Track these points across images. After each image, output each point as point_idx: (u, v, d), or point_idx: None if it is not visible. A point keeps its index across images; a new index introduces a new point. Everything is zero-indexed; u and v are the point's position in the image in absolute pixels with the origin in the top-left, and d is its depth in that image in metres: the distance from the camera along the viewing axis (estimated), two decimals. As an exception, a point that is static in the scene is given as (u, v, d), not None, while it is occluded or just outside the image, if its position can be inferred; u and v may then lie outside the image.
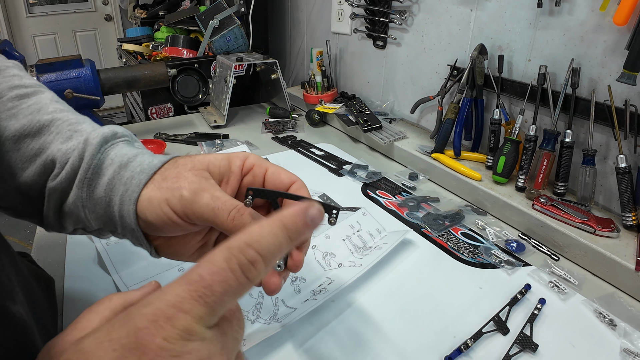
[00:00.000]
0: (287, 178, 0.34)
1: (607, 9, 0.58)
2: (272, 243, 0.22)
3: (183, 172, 0.32)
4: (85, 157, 0.33)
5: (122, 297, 0.24)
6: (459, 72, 0.84)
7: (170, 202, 0.30)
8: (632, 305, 0.51)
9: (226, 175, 0.33)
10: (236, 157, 0.34)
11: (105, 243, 0.58)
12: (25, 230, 2.33)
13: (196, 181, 0.31)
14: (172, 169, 0.32)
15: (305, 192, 0.34)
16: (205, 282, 0.20)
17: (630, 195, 0.59)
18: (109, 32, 3.57)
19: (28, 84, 0.38)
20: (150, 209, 0.31)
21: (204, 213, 0.30)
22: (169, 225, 0.31)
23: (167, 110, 1.32)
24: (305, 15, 1.37)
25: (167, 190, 0.31)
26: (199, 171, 0.32)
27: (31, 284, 0.39)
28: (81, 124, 0.36)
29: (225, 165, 0.33)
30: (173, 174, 0.32)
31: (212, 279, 0.20)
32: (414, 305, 0.50)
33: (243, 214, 0.30)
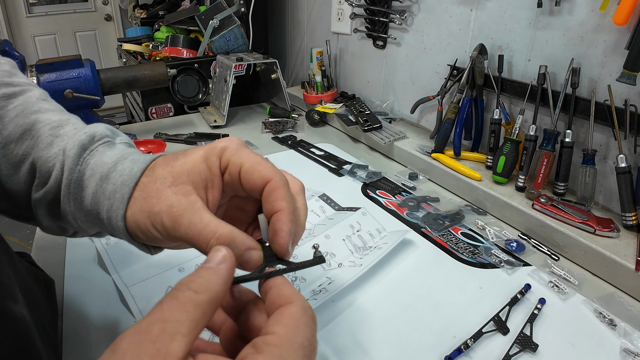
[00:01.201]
0: (259, 178, 0.30)
1: (607, 9, 0.58)
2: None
3: (163, 191, 0.30)
4: (65, 171, 0.32)
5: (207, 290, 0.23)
6: (459, 72, 0.84)
7: (155, 227, 0.30)
8: (632, 305, 0.51)
9: (209, 180, 0.31)
10: (213, 154, 0.31)
11: (105, 243, 0.58)
12: (25, 230, 2.33)
13: (175, 204, 0.29)
14: (152, 184, 0.30)
15: (280, 195, 0.29)
16: (312, 346, 0.23)
17: (630, 195, 0.59)
18: (109, 32, 3.57)
19: (17, 83, 0.37)
20: (139, 230, 0.30)
21: (183, 238, 0.29)
22: (162, 243, 0.31)
23: (167, 110, 1.32)
24: (305, 15, 1.37)
25: (150, 215, 0.30)
26: (180, 187, 0.30)
27: (30, 285, 0.39)
28: (63, 127, 0.35)
29: (204, 170, 0.30)
30: (153, 192, 0.30)
31: (314, 341, 0.23)
32: (414, 305, 0.50)
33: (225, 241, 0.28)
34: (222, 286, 0.23)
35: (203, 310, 0.22)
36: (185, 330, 0.20)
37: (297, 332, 0.22)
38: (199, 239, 0.28)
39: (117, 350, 0.20)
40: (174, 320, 0.20)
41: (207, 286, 0.23)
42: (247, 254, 0.28)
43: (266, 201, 0.29)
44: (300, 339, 0.22)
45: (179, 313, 0.21)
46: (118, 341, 0.20)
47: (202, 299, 0.22)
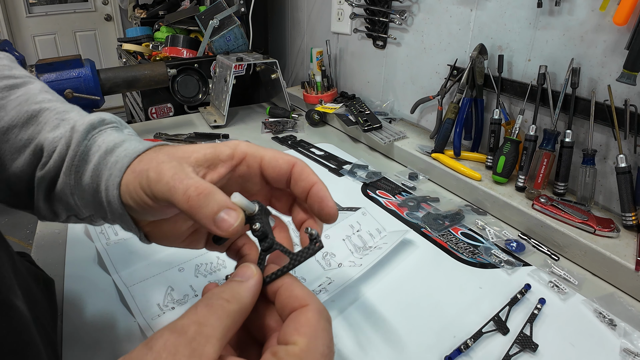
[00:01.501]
0: (285, 164, 0.31)
1: (607, 8, 0.58)
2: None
3: (159, 155, 0.30)
4: (72, 144, 0.32)
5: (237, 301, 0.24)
6: (459, 72, 0.84)
7: (141, 185, 0.29)
8: (632, 305, 0.51)
9: (212, 163, 0.30)
10: (224, 145, 0.31)
11: (105, 243, 0.58)
12: (25, 230, 2.33)
13: (166, 161, 0.29)
14: (152, 153, 0.31)
15: (310, 172, 0.31)
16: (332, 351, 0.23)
17: (630, 195, 0.59)
18: (109, 32, 3.57)
19: (18, 75, 0.37)
20: (127, 193, 0.30)
21: (164, 192, 0.27)
22: (145, 208, 0.30)
23: (167, 110, 1.32)
24: (305, 15, 1.37)
25: (139, 173, 0.29)
26: (175, 156, 0.29)
27: (29, 284, 0.39)
28: (69, 113, 0.35)
29: (211, 153, 0.30)
30: (150, 157, 0.30)
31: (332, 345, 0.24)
32: (414, 305, 0.50)
33: (200, 195, 0.26)
34: (250, 298, 0.25)
35: (233, 319, 0.23)
36: (219, 335, 0.22)
37: (317, 342, 0.23)
38: (179, 187, 0.27)
39: (154, 348, 0.21)
40: (209, 324, 0.22)
41: (237, 297, 0.24)
42: (223, 213, 0.26)
43: (298, 181, 0.31)
44: (321, 348, 0.23)
45: (213, 318, 0.22)
46: (154, 338, 0.21)
47: (232, 308, 0.23)
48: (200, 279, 0.52)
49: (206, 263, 0.55)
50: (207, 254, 0.56)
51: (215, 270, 0.54)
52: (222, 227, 0.26)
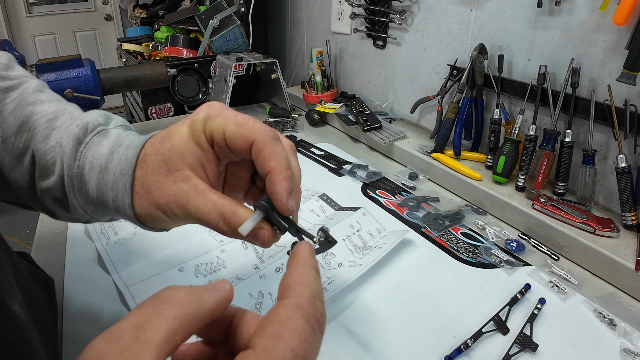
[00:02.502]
0: (244, 142, 0.28)
1: (607, 8, 0.58)
2: (320, 287, 0.22)
3: (162, 182, 0.30)
4: (65, 168, 0.33)
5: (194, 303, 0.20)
6: (459, 71, 0.84)
7: (167, 215, 0.30)
8: (632, 305, 0.51)
9: (202, 157, 0.30)
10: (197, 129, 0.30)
11: (106, 243, 0.58)
12: (25, 230, 2.33)
13: (179, 192, 0.29)
14: (149, 176, 0.31)
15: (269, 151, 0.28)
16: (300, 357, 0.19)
17: (630, 195, 0.59)
18: (109, 32, 3.57)
19: (13, 76, 0.37)
20: (152, 220, 0.32)
21: (194, 220, 0.30)
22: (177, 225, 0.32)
23: (167, 110, 1.32)
24: (305, 15, 1.37)
25: (159, 207, 0.30)
26: (177, 174, 0.30)
27: (30, 284, 0.39)
28: (59, 118, 0.35)
29: (194, 149, 0.30)
30: (153, 185, 0.30)
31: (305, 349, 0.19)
32: (414, 305, 0.50)
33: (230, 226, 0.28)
34: (212, 305, 0.21)
35: (184, 323, 0.19)
36: (160, 340, 0.18)
37: (277, 343, 0.19)
38: (208, 221, 0.29)
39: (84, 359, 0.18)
40: (149, 328, 0.18)
41: (195, 299, 0.21)
42: (257, 231, 0.29)
43: (257, 163, 0.29)
44: (282, 351, 0.19)
45: (157, 319, 0.19)
46: (86, 349, 0.18)
47: (185, 310, 0.20)
48: (200, 278, 0.52)
49: (206, 263, 0.55)
50: (207, 254, 0.56)
51: (215, 270, 0.54)
52: (261, 243, 0.29)
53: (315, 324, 0.20)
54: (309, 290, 0.22)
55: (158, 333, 0.18)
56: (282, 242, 0.37)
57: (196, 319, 0.20)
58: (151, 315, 0.19)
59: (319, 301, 0.21)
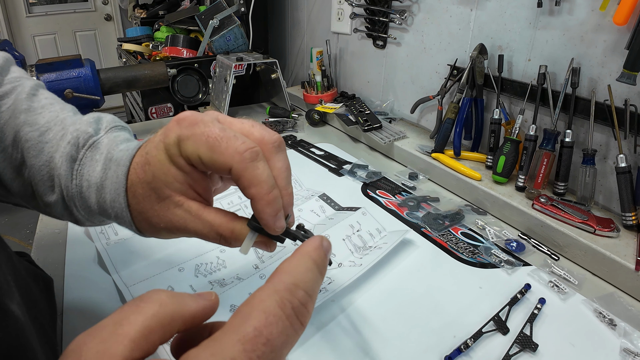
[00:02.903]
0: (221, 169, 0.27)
1: (607, 8, 0.58)
2: (313, 279, 0.21)
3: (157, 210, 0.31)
4: (63, 188, 0.34)
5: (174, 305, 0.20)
6: (459, 71, 0.84)
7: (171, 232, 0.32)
8: (632, 305, 0.51)
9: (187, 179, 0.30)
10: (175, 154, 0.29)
11: (106, 243, 0.58)
12: (25, 230, 2.33)
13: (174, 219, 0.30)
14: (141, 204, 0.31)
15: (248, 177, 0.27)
16: (263, 338, 0.17)
17: (630, 195, 0.59)
18: (109, 32, 3.57)
19: (7, 80, 0.38)
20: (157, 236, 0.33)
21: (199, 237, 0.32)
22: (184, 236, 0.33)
23: (167, 110, 1.32)
24: (305, 15, 1.37)
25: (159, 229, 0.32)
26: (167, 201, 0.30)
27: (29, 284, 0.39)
28: (51, 130, 0.35)
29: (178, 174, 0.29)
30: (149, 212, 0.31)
31: (270, 332, 0.18)
32: (414, 305, 0.50)
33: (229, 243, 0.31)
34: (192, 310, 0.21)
35: (160, 322, 0.19)
36: (135, 335, 0.18)
37: (243, 322, 0.18)
38: (208, 239, 0.31)
39: (65, 353, 0.18)
40: (127, 323, 0.19)
41: (177, 301, 0.20)
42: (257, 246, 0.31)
43: (240, 187, 0.28)
44: (243, 330, 0.18)
45: (134, 316, 0.19)
46: (70, 343, 0.19)
47: (164, 310, 0.20)
48: (200, 278, 0.52)
49: (206, 263, 0.55)
50: (207, 254, 0.56)
51: (215, 270, 0.54)
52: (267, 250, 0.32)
53: (290, 311, 0.19)
54: (292, 277, 0.20)
55: (133, 328, 0.18)
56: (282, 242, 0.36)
57: (175, 320, 0.20)
58: (130, 312, 0.19)
59: (304, 291, 0.20)
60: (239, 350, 0.17)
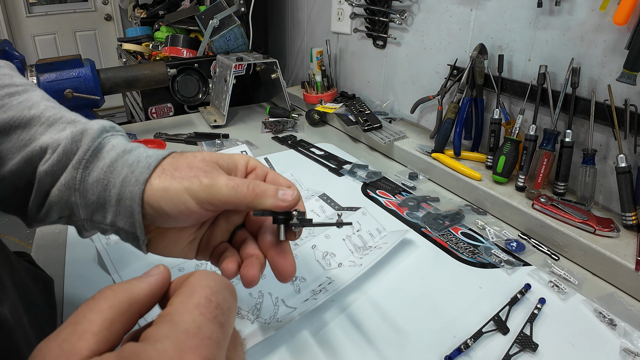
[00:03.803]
0: (285, 184, 0.36)
1: (607, 8, 0.58)
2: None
3: (195, 163, 0.32)
4: (85, 140, 0.32)
5: (126, 291, 0.22)
6: (459, 71, 0.84)
7: (190, 191, 0.31)
8: (632, 305, 0.51)
9: (233, 171, 0.35)
10: (240, 157, 0.36)
11: (106, 243, 0.58)
12: (25, 230, 2.33)
13: (210, 170, 0.32)
14: (182, 160, 0.33)
15: (301, 202, 0.35)
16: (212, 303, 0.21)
17: (630, 195, 0.59)
18: (109, 32, 3.57)
19: (19, 83, 0.37)
20: (166, 198, 0.31)
21: (225, 194, 0.31)
22: (185, 214, 0.31)
23: (167, 110, 1.32)
24: (305, 15, 1.37)
25: (184, 180, 0.31)
26: (209, 162, 0.33)
27: (28, 284, 0.39)
28: (78, 119, 0.36)
29: (232, 162, 0.35)
30: (184, 164, 0.32)
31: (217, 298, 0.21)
32: (414, 304, 0.50)
33: (259, 184, 0.32)
34: (145, 290, 0.22)
35: (118, 311, 0.20)
36: (97, 329, 0.19)
37: (192, 295, 0.21)
38: (240, 183, 0.31)
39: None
40: (84, 322, 0.19)
41: (127, 288, 0.22)
42: (281, 190, 0.32)
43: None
44: (196, 300, 0.20)
45: (91, 313, 0.20)
46: (32, 352, 0.19)
47: (119, 299, 0.21)
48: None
49: (206, 263, 0.55)
50: (207, 254, 0.56)
51: (215, 270, 0.54)
52: (287, 199, 0.32)
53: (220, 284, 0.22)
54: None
55: (94, 324, 0.19)
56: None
57: (132, 305, 0.21)
58: (86, 311, 0.20)
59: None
60: (197, 314, 0.19)
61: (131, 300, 0.21)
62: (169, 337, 0.18)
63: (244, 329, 0.45)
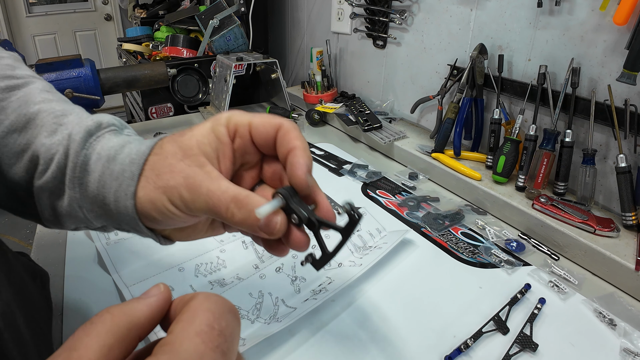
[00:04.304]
0: (271, 127, 0.31)
1: (607, 8, 0.58)
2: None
3: (176, 165, 0.30)
4: (70, 155, 0.31)
5: (126, 315, 0.20)
6: (459, 71, 0.84)
7: (173, 202, 0.29)
8: (632, 305, 0.51)
9: (220, 150, 0.31)
10: (218, 124, 0.31)
11: (106, 243, 0.58)
12: (25, 230, 2.33)
13: (192, 175, 0.29)
14: (163, 161, 0.30)
15: (293, 136, 0.31)
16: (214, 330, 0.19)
17: (630, 195, 0.59)
18: (109, 32, 3.57)
19: (19, 75, 0.37)
20: (155, 209, 0.30)
21: (204, 209, 0.29)
22: (181, 220, 0.30)
23: (167, 109, 1.32)
24: (305, 15, 1.37)
25: (166, 190, 0.29)
26: (192, 158, 0.30)
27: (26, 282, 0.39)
28: (67, 116, 0.34)
29: (214, 140, 0.31)
30: (166, 168, 0.30)
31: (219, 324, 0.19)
32: (414, 304, 0.50)
33: (242, 208, 0.28)
34: (145, 313, 0.21)
35: (117, 336, 0.19)
36: (94, 356, 0.18)
37: (193, 322, 0.19)
38: (219, 205, 0.28)
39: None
40: (81, 347, 0.18)
41: (126, 311, 0.20)
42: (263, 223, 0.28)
43: (281, 144, 0.31)
44: (197, 327, 0.19)
45: (87, 339, 0.19)
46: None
47: (117, 323, 0.20)
48: (200, 278, 0.52)
49: (206, 263, 0.55)
50: (207, 254, 0.56)
51: (215, 270, 0.54)
52: (271, 231, 0.29)
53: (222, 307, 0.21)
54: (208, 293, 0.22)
55: (90, 350, 0.18)
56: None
57: (131, 330, 0.20)
58: (82, 336, 0.19)
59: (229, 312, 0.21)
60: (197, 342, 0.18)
61: (130, 325, 0.20)
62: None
63: (244, 329, 0.45)
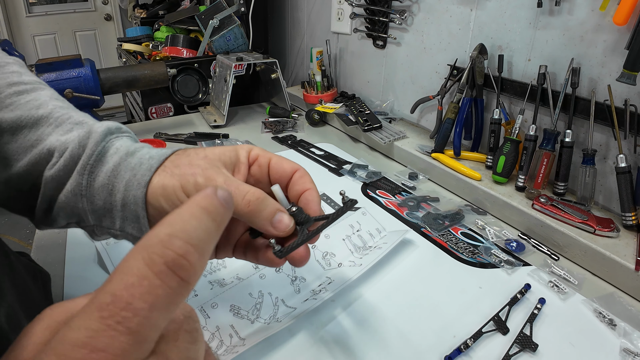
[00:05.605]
0: (289, 167, 0.35)
1: (607, 8, 0.58)
2: (199, 228, 0.17)
3: (195, 160, 0.32)
4: (89, 144, 0.32)
5: (64, 307, 0.18)
6: (459, 71, 0.84)
7: (185, 189, 0.30)
8: (631, 305, 0.51)
9: (236, 165, 0.34)
10: (241, 148, 0.35)
11: (106, 243, 0.58)
12: (25, 230, 2.33)
13: (209, 167, 0.31)
14: (184, 157, 0.32)
15: (308, 180, 0.35)
16: (122, 302, 0.15)
17: (630, 195, 0.59)
18: (109, 32, 3.57)
19: (27, 81, 0.37)
20: (164, 195, 0.30)
21: None
22: None
23: (167, 110, 1.32)
24: (305, 15, 1.37)
25: (181, 177, 0.30)
26: (211, 160, 0.32)
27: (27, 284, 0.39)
28: (85, 120, 0.36)
29: (234, 156, 0.34)
30: (185, 162, 0.32)
31: (130, 294, 0.15)
32: (414, 305, 0.50)
33: (257, 199, 0.30)
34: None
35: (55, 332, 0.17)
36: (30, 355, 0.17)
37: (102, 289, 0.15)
38: (236, 192, 0.30)
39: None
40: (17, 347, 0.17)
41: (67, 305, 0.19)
42: (278, 215, 0.31)
43: (297, 184, 0.35)
44: (101, 297, 0.15)
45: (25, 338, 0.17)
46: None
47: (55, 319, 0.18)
48: (199, 278, 0.52)
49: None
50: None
51: (215, 270, 0.54)
52: (279, 228, 0.31)
53: (161, 267, 0.15)
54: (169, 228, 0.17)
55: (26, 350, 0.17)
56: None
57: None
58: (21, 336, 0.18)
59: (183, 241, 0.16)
60: (94, 318, 0.14)
61: (68, 313, 0.18)
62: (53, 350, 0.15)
63: (244, 329, 0.45)
